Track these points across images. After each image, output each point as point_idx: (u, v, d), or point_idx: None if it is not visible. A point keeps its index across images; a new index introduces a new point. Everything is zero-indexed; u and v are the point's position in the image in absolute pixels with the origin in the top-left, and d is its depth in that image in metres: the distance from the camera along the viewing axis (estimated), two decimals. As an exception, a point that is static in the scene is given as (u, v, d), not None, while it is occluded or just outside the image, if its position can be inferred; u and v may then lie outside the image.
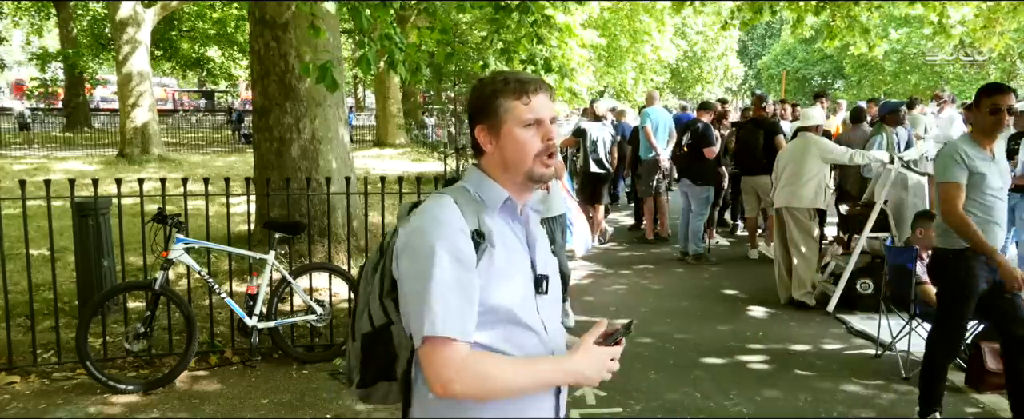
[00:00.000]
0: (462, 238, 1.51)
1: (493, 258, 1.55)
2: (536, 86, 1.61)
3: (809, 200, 6.26)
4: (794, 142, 6.56)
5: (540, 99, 1.61)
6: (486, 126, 1.63)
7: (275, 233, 4.92)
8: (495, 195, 1.62)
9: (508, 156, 1.62)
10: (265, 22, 7.15)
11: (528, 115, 1.60)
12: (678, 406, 4.26)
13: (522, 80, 1.62)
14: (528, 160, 1.60)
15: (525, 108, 1.60)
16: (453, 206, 1.55)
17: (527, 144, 1.59)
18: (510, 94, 1.60)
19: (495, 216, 1.61)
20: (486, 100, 1.63)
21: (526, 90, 1.60)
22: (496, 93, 1.61)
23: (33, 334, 4.70)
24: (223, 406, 4.21)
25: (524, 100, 1.60)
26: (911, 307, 4.75)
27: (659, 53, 22.97)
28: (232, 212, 5.42)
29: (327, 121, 7.30)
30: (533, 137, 1.60)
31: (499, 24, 6.76)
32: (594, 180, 8.87)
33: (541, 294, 1.66)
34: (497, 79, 1.64)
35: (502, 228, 1.61)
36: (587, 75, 18.00)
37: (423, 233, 1.52)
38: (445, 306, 1.47)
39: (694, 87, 36.43)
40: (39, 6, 28.07)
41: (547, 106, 1.62)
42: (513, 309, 1.56)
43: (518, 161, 1.61)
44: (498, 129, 1.62)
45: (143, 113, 17.24)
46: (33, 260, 5.08)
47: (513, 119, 1.60)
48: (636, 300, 6.61)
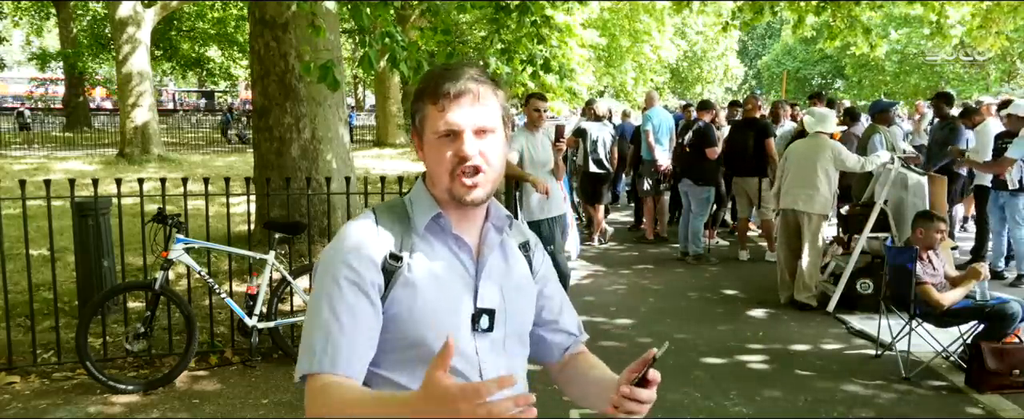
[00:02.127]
0: (365, 262, 1.34)
1: (409, 285, 1.35)
2: (458, 90, 1.35)
3: (825, 205, 6.24)
4: (804, 143, 6.44)
5: (460, 107, 1.35)
6: (415, 132, 1.44)
7: (275, 233, 4.91)
8: (424, 214, 1.41)
9: (430, 169, 1.41)
10: (265, 22, 7.16)
11: (441, 125, 1.35)
12: (678, 406, 4.26)
13: (442, 80, 1.36)
14: (444, 177, 1.37)
15: (438, 116, 1.36)
16: (368, 224, 1.39)
17: (440, 158, 1.37)
18: (428, 97, 1.38)
19: (428, 236, 1.41)
20: (413, 100, 1.43)
21: (440, 95, 1.35)
22: (419, 94, 1.40)
23: (33, 334, 4.70)
24: (223, 406, 4.21)
25: (439, 106, 1.36)
26: (911, 307, 4.75)
27: (659, 53, 23.00)
28: (232, 212, 5.42)
29: (327, 121, 7.30)
30: (447, 151, 1.36)
31: (500, 24, 6.77)
32: (594, 180, 8.87)
33: (480, 332, 1.40)
34: (427, 75, 1.42)
35: (436, 250, 1.40)
36: (587, 75, 18.01)
37: (326, 256, 1.38)
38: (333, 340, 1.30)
39: (694, 87, 36.43)
40: (39, 6, 28.10)
41: (470, 115, 1.35)
42: (431, 343, 1.35)
43: (436, 176, 1.39)
44: (421, 137, 1.41)
45: (143, 113, 17.24)
46: (33, 260, 5.07)
47: (429, 128, 1.38)
48: (636, 300, 6.61)
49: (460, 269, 1.41)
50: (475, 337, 1.40)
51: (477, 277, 1.42)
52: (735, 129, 8.31)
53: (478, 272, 1.42)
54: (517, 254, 1.53)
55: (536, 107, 5.48)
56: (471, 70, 1.39)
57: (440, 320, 1.36)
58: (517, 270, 1.51)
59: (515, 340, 1.48)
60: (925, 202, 6.01)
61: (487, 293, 1.42)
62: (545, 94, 6.12)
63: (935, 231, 4.88)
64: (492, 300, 1.42)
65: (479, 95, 1.36)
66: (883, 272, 5.26)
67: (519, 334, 1.50)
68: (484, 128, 1.36)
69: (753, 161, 7.92)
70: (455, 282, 1.40)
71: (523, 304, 1.51)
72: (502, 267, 1.47)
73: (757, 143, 7.88)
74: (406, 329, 1.35)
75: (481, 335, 1.40)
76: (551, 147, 5.43)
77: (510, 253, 1.51)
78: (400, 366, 1.37)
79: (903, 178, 6.16)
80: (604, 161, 8.79)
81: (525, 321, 1.52)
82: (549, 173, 5.45)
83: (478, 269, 1.43)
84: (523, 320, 1.51)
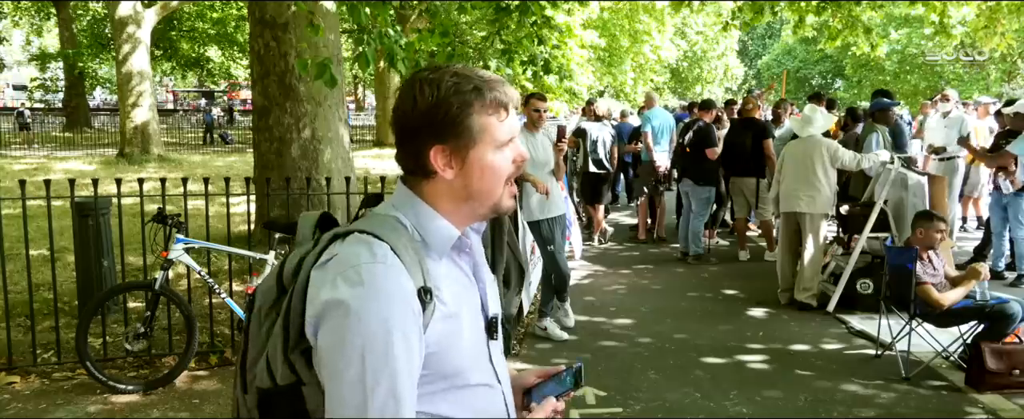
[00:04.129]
0: (410, 310, 1.18)
1: (450, 318, 1.25)
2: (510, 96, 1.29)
3: (826, 204, 6.25)
4: (798, 145, 6.45)
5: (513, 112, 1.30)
6: (449, 147, 1.26)
7: (275, 233, 4.91)
8: (443, 236, 1.29)
9: (475, 185, 1.28)
10: (265, 22, 7.16)
11: (504, 135, 1.27)
12: (678, 406, 4.26)
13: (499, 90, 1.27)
14: (499, 189, 1.29)
15: (500, 126, 1.27)
16: (394, 263, 1.19)
17: (501, 170, 1.28)
18: (486, 109, 1.25)
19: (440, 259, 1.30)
20: (453, 115, 1.25)
21: (504, 103, 1.27)
22: (467, 107, 1.25)
23: (33, 334, 4.70)
24: (223, 406, 4.20)
25: (500, 116, 1.27)
26: (911, 307, 4.75)
27: (659, 53, 22.99)
28: (232, 212, 5.42)
29: (327, 121, 7.30)
30: (506, 160, 1.29)
31: (500, 25, 6.77)
32: (594, 180, 8.87)
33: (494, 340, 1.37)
34: (463, 87, 1.25)
35: (447, 270, 1.30)
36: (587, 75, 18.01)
37: (359, 307, 1.15)
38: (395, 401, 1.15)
39: (694, 87, 36.44)
40: (39, 6, 28.12)
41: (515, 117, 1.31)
42: (465, 371, 1.28)
43: (487, 191, 1.29)
44: (465, 151, 1.26)
45: (143, 113, 17.25)
46: (33, 260, 5.07)
47: (489, 140, 1.26)
48: (636, 300, 6.60)
49: (467, 282, 1.35)
50: (490, 346, 1.36)
51: (479, 283, 1.37)
52: (733, 129, 8.30)
53: (478, 279, 1.38)
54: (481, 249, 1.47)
55: (536, 107, 5.48)
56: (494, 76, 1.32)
57: (467, 343, 1.29)
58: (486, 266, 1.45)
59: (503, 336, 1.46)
60: (925, 202, 6.00)
61: (490, 300, 1.39)
62: (545, 94, 6.12)
63: (935, 231, 4.88)
64: (493, 305, 1.39)
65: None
66: (883, 272, 5.26)
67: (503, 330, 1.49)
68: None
69: (751, 161, 7.92)
70: (470, 298, 1.33)
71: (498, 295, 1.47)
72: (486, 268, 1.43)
73: (755, 143, 7.88)
74: (444, 361, 1.25)
75: (494, 342, 1.37)
76: (551, 148, 5.43)
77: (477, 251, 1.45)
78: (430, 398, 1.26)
79: (903, 178, 6.16)
80: (604, 161, 8.79)
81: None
82: (549, 173, 5.45)
83: (478, 276, 1.38)
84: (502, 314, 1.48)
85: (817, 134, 6.35)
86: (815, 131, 6.36)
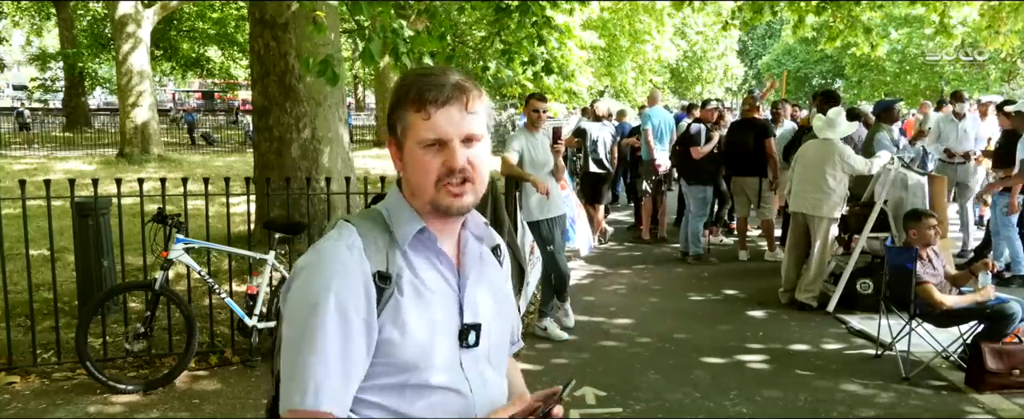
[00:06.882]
0: (356, 285, 1.25)
1: (400, 307, 1.29)
2: (445, 97, 1.28)
3: (833, 208, 6.23)
4: (813, 146, 6.40)
5: (446, 114, 1.28)
6: (394, 141, 1.35)
7: (275, 233, 4.91)
8: (407, 228, 1.34)
9: (411, 179, 1.33)
10: (265, 22, 7.16)
11: (427, 134, 1.29)
12: (678, 406, 4.26)
13: (426, 88, 1.29)
14: (429, 188, 1.30)
15: (424, 125, 1.29)
16: (353, 241, 1.29)
17: (425, 168, 1.30)
18: (410, 105, 1.30)
19: (410, 251, 1.34)
20: (391, 108, 1.34)
21: (426, 101, 1.28)
22: (399, 102, 1.31)
23: (33, 334, 4.70)
24: (223, 406, 4.21)
25: (424, 115, 1.28)
26: (911, 307, 4.75)
27: (659, 53, 22.98)
28: (232, 212, 5.42)
29: (327, 121, 7.30)
30: (433, 161, 1.29)
31: (500, 25, 6.77)
32: (594, 180, 8.87)
33: (466, 348, 1.36)
34: (407, 81, 1.32)
35: (420, 266, 1.34)
36: (586, 76, 18.00)
37: (308, 278, 1.27)
38: (322, 373, 1.22)
39: (694, 87, 36.44)
40: (39, 6, 28.09)
41: (457, 122, 1.28)
42: (424, 368, 1.30)
43: (419, 185, 1.32)
44: (402, 145, 1.33)
45: (143, 113, 17.24)
46: (33, 260, 5.07)
47: (412, 137, 1.30)
48: (636, 300, 6.60)
49: (443, 284, 1.36)
50: (461, 353, 1.35)
51: (461, 291, 1.37)
52: (735, 129, 8.30)
53: (461, 286, 1.38)
54: (493, 261, 1.49)
55: (535, 107, 5.48)
56: (453, 74, 1.33)
57: (427, 341, 1.30)
58: (496, 279, 1.47)
59: (498, 349, 1.45)
60: (925, 202, 6.00)
61: (471, 307, 1.38)
62: (545, 95, 6.12)
63: (927, 228, 4.89)
64: (476, 314, 1.38)
65: (466, 101, 1.30)
66: (883, 272, 5.26)
67: (501, 344, 1.47)
68: (472, 136, 1.30)
69: (753, 161, 7.93)
70: (441, 299, 1.34)
71: (504, 313, 1.47)
72: (482, 278, 1.43)
73: (757, 143, 7.89)
74: (397, 353, 1.28)
75: (466, 350, 1.36)
76: (551, 148, 5.43)
77: (487, 261, 1.46)
78: (389, 391, 1.31)
79: (903, 178, 6.16)
80: (604, 161, 8.79)
81: (506, 330, 1.49)
82: (549, 174, 5.45)
83: (461, 283, 1.38)
84: (504, 329, 1.47)
85: (836, 139, 6.31)
86: (835, 136, 6.31)
